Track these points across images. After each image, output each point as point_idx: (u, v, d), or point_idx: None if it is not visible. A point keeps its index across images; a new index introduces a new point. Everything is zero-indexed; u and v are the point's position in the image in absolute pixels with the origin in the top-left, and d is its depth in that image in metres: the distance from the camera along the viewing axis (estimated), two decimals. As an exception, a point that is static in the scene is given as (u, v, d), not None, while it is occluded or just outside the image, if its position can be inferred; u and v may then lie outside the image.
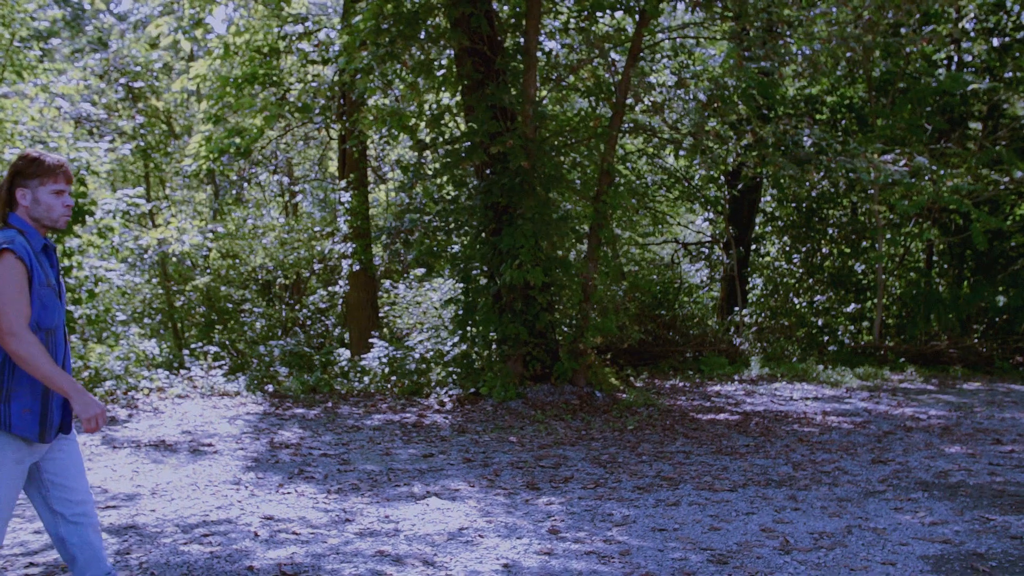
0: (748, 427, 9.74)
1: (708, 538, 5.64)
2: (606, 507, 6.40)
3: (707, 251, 20.11)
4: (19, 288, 3.41)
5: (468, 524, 5.91)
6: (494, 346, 11.22)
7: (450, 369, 11.41)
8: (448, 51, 11.59)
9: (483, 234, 11.19)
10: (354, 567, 4.99)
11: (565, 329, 11.78)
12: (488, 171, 10.97)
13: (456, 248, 11.72)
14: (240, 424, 9.56)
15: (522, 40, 11.00)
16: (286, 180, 20.23)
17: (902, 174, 10.32)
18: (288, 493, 6.73)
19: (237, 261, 16.57)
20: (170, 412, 10.23)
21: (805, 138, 10.60)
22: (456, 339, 11.47)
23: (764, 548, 5.42)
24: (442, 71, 11.61)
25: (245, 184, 20.66)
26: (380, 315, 15.68)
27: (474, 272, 11.32)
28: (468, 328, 11.21)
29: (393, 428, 9.52)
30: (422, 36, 10.36)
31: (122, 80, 15.81)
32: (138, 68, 15.86)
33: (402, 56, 9.88)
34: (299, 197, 19.66)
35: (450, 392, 11.02)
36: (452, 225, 11.01)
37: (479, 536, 5.63)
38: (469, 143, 10.69)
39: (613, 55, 11.81)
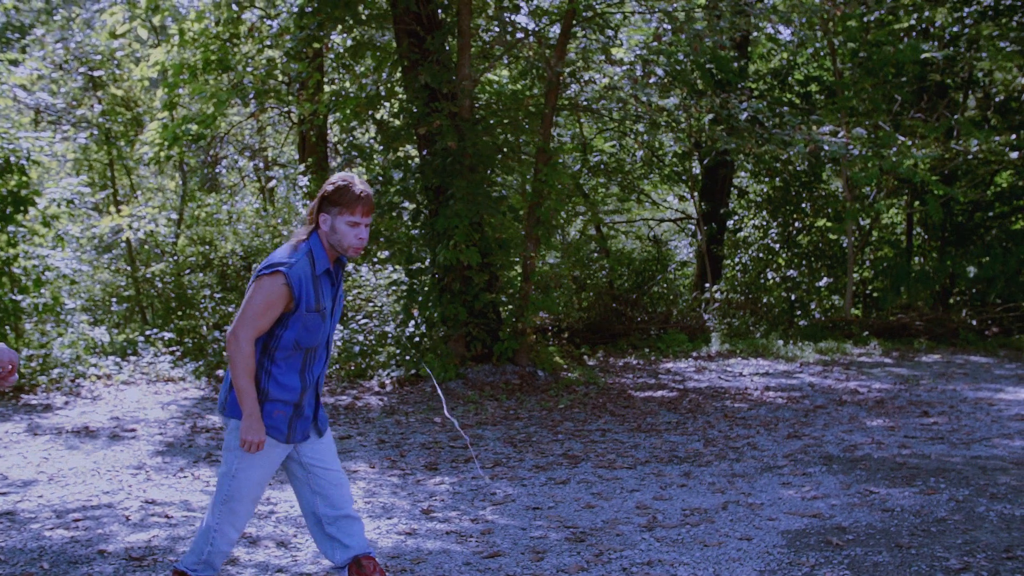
0: (680, 404, 9.70)
1: (578, 516, 5.63)
2: (494, 486, 6.40)
3: (693, 227, 20.01)
4: (268, 305, 3.64)
5: (346, 505, 5.91)
6: (436, 327, 11.20)
7: (394, 351, 11.41)
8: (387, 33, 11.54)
9: (423, 215, 11.17)
10: (205, 550, 5.00)
11: (524, 309, 11.72)
12: (425, 152, 10.94)
13: (401, 229, 11.70)
14: (172, 409, 9.60)
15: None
16: (260, 164, 20.23)
17: (839, 146, 10.21)
18: (185, 477, 6.76)
19: (206, 248, 16.59)
20: (109, 399, 10.28)
21: (742, 112, 10.50)
22: (399, 321, 11.46)
23: (629, 525, 5.40)
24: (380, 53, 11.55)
25: (222, 170, 20.69)
26: (348, 298, 15.69)
27: (416, 253, 11.29)
28: (411, 310, 11.20)
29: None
30: (350, 18, 10.27)
31: (81, 69, 15.81)
32: (99, 57, 15.84)
33: (324, 40, 9.82)
34: (273, 182, 19.66)
35: (391, 374, 11.02)
36: (387, 208, 10.97)
37: (350, 517, 5.63)
38: (401, 125, 10.64)
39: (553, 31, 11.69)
